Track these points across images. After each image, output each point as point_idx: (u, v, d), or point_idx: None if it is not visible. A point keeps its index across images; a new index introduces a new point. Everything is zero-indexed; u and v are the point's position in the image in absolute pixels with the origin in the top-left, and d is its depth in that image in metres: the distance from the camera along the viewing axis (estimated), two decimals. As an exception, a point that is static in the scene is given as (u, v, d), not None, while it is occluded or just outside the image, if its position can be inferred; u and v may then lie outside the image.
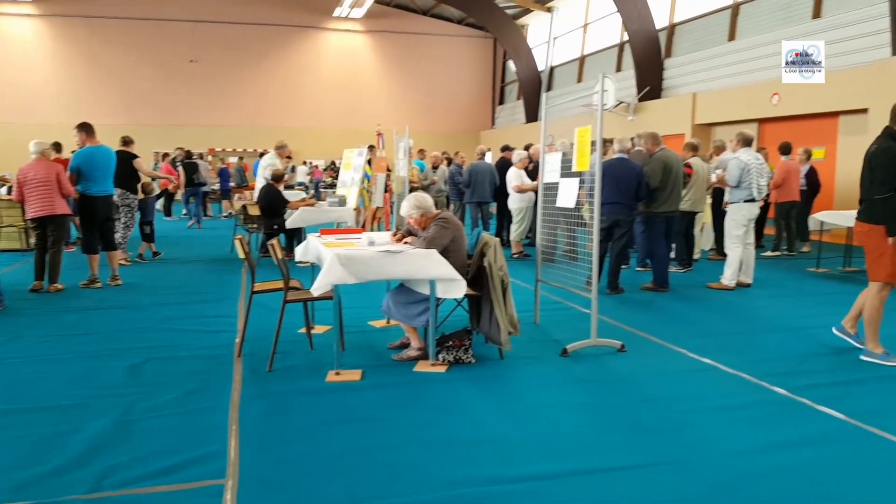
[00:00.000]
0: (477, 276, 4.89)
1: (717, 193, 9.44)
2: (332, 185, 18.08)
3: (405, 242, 4.86)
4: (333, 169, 20.35)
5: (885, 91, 11.23)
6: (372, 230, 10.85)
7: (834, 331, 5.25)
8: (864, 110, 11.78)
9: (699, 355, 5.00)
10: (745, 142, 7.65)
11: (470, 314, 5.19)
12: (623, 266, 8.02)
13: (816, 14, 13.34)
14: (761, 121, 14.60)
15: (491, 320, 4.74)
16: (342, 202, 9.80)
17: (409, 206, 4.82)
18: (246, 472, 3.12)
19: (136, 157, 8.95)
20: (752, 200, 7.42)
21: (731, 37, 15.74)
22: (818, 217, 8.89)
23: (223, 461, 3.22)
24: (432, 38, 28.80)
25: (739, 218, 7.49)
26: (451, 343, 4.69)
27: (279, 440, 3.49)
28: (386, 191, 12.10)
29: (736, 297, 7.22)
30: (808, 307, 6.81)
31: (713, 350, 5.12)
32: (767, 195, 9.00)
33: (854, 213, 5.06)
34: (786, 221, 10.25)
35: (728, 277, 7.56)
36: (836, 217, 8.75)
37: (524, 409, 3.96)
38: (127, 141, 9.17)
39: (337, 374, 4.44)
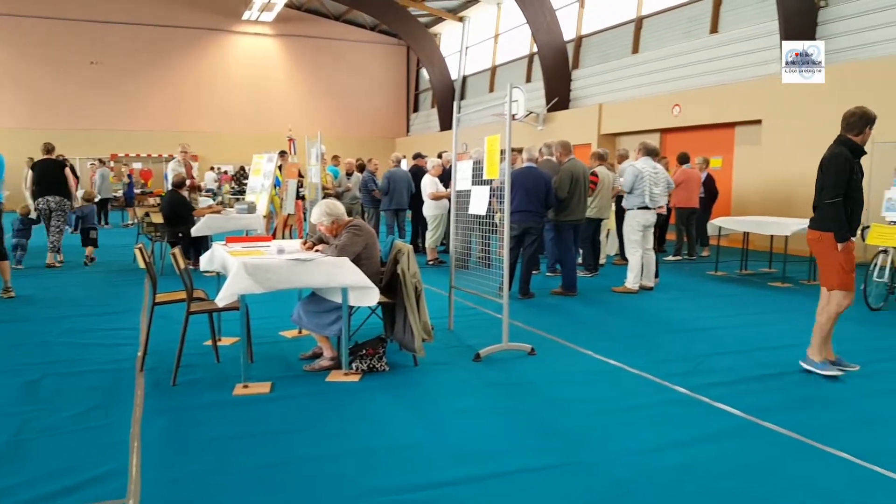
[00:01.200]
0: (391, 284, 4.87)
1: (622, 200, 9.82)
2: (241, 192, 17.55)
3: (316, 250, 4.77)
4: (243, 175, 19.77)
5: (777, 103, 12.07)
6: (284, 238, 10.62)
7: (800, 362, 4.88)
8: (759, 121, 12.57)
9: (606, 357, 5.17)
10: (647, 151, 8.00)
11: (384, 322, 5.16)
12: (534, 272, 8.21)
13: (714, 29, 14.15)
14: (663, 131, 15.32)
15: (405, 328, 4.73)
16: (251, 209, 9.53)
17: (320, 213, 4.74)
18: (148, 490, 2.98)
19: (66, 164, 9.10)
20: (646, 208, 7.77)
21: (635, 49, 16.45)
22: (716, 223, 9.41)
23: (124, 480, 3.06)
24: (345, 43, 28.57)
25: (634, 224, 7.84)
26: (364, 351, 4.64)
27: (184, 456, 3.34)
28: (300, 197, 11.88)
29: (639, 300, 7.52)
30: (708, 309, 7.17)
31: (619, 352, 5.31)
32: (668, 202, 9.46)
33: (749, 218, 5.31)
34: (686, 227, 10.79)
35: (631, 281, 7.88)
36: (732, 223, 9.29)
37: (438, 415, 3.96)
38: (49, 148, 9.24)
39: (245, 386, 4.29)
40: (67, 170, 9.26)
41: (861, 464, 3.29)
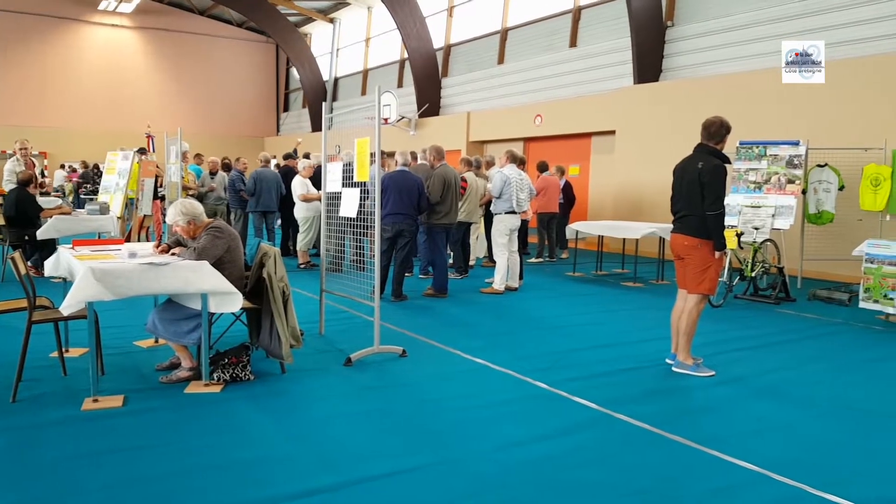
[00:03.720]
0: (256, 289, 4.71)
1: (490, 205, 10.15)
2: (94, 192, 16.29)
3: (172, 253, 4.52)
4: (97, 174, 18.33)
5: (628, 115, 12.96)
6: (140, 241, 9.97)
7: (674, 369, 5.02)
8: (612, 132, 13.44)
9: (473, 356, 5.31)
10: (513, 158, 8.34)
11: (249, 329, 4.98)
12: (407, 274, 8.28)
13: (573, 43, 14.96)
14: (527, 139, 15.99)
15: (271, 334, 4.59)
16: (104, 210, 8.86)
17: (175, 213, 4.51)
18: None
19: None
20: (513, 212, 8.10)
21: (501, 60, 17.05)
22: (574, 227, 9.95)
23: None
24: (210, 39, 27.33)
25: (502, 228, 8.15)
26: (226, 360, 4.45)
27: (25, 478, 3.05)
28: (159, 197, 11.21)
29: (505, 300, 7.80)
30: (568, 307, 7.57)
31: (485, 350, 5.48)
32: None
33: (603, 222, 5.64)
34: (547, 231, 11.34)
35: (498, 282, 8.17)
36: (589, 227, 9.88)
37: (306, 423, 3.88)
38: None
39: (95, 400, 3.99)
40: None
41: (701, 448, 3.59)
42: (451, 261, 9.35)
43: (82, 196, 17.66)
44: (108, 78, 25.37)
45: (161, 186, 11.34)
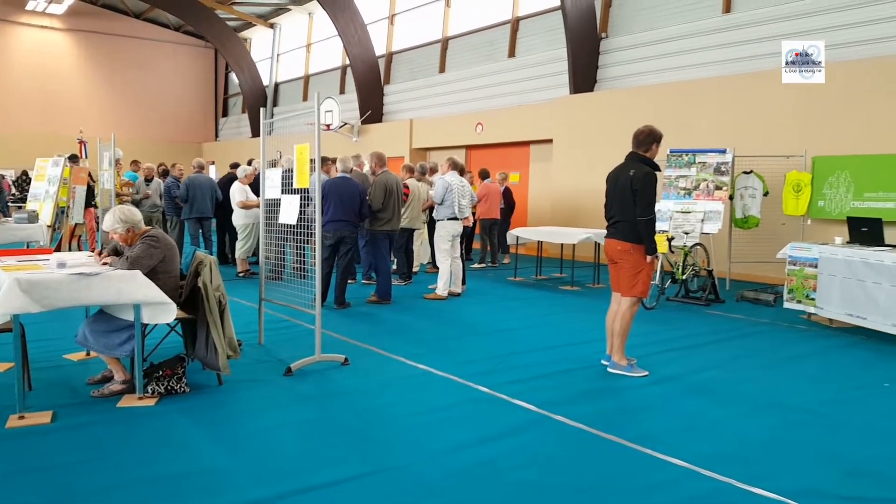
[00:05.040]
0: (191, 298, 4.61)
1: (433, 211, 10.21)
2: (23, 199, 15.58)
3: (104, 263, 4.39)
4: (25, 181, 17.53)
5: (565, 124, 13.26)
6: (71, 250, 9.60)
7: (610, 370, 5.16)
8: (550, 140, 13.72)
9: (415, 362, 5.33)
10: (454, 166, 8.42)
11: (185, 339, 4.87)
12: (350, 281, 8.24)
13: (512, 53, 15.20)
14: (468, 147, 16.15)
15: (208, 344, 4.49)
16: (32, 219, 8.50)
17: (113, 221, 4.38)
18: None
19: None
20: (455, 219, 8.18)
21: (442, 69, 17.18)
22: (514, 233, 10.11)
23: None
24: (146, 42, 26.55)
25: (445, 234, 8.22)
26: (161, 373, 4.34)
27: (-64, 507, 2.90)
28: (91, 205, 10.83)
29: (449, 306, 7.86)
30: (509, 311, 7.68)
31: (427, 355, 5.51)
32: (474, 213, 10.00)
33: (542, 228, 5.74)
34: (489, 237, 11.48)
35: (441, 288, 8.22)
36: (528, 233, 10.05)
37: (243, 435, 3.82)
38: None
39: (21, 417, 3.83)
40: None
41: (635, 447, 3.72)
42: (394, 267, 9.36)
43: (10, 204, 16.85)
44: (37, 81, 24.31)
45: (94, 194, 10.96)
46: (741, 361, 5.64)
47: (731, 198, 9.26)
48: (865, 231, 6.79)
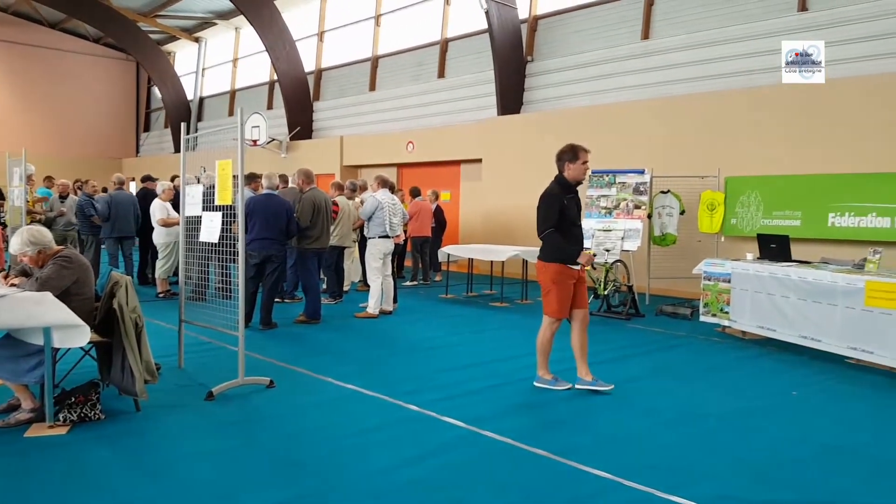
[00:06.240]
0: (107, 320, 4.42)
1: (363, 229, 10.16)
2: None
3: (11, 284, 4.16)
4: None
5: (494, 144, 13.49)
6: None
7: (535, 384, 5.23)
8: (479, 160, 13.92)
9: (344, 382, 5.27)
10: (383, 183, 8.42)
11: (99, 364, 4.65)
12: (277, 300, 8.07)
13: (441, 74, 15.40)
14: (400, 165, 16.20)
15: (124, 369, 4.30)
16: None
17: (21, 243, 4.16)
18: None
19: None
20: (386, 236, 8.17)
21: (372, 87, 17.21)
22: (445, 250, 10.19)
23: None
24: (63, 54, 25.43)
25: (376, 252, 8.19)
26: (73, 399, 4.12)
27: None
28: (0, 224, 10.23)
29: (380, 324, 7.82)
30: (439, 328, 7.70)
31: (357, 376, 5.45)
32: (406, 231, 10.01)
33: (473, 246, 5.77)
34: (420, 254, 11.51)
35: (372, 307, 8.17)
36: (459, 250, 10.16)
37: (163, 463, 3.67)
38: None
39: (-88, 454, 3.56)
40: None
41: (560, 460, 3.79)
42: (324, 286, 9.24)
43: None
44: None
45: (2, 211, 10.36)
46: (660, 373, 5.85)
47: (649, 216, 9.64)
48: (774, 247, 7.19)
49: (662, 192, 9.72)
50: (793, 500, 3.35)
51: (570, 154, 5.03)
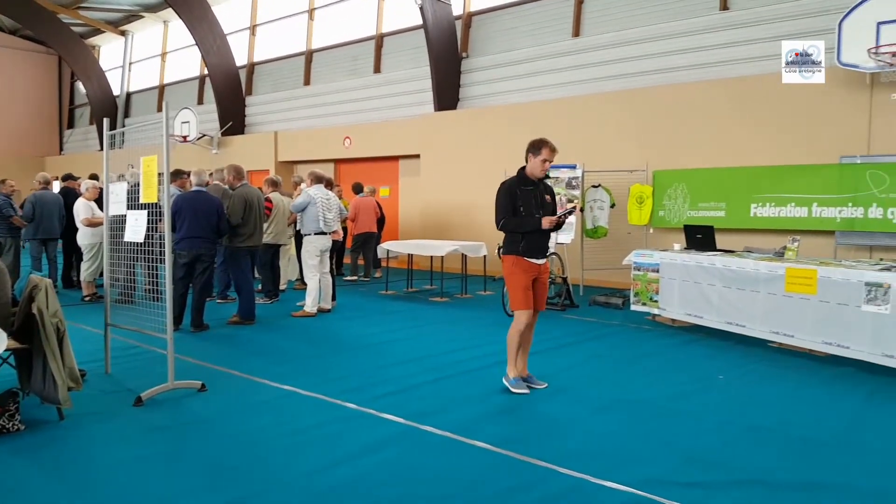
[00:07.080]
0: (25, 326, 4.21)
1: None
2: None
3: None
4: None
5: (431, 139, 13.51)
6: None
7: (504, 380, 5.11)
8: (417, 156, 13.91)
9: (280, 383, 5.19)
10: (317, 179, 8.31)
11: (18, 372, 4.43)
12: (207, 299, 7.86)
13: (377, 69, 15.29)
14: (337, 161, 16.02)
15: (45, 376, 4.11)
16: None
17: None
18: None
19: None
20: (322, 233, 8.07)
21: (307, 82, 16.94)
22: (385, 246, 10.15)
23: None
24: (-25, 46, 24.07)
25: (312, 249, 8.08)
26: (-11, 410, 3.92)
27: None
28: None
29: (318, 323, 7.72)
30: (379, 325, 7.66)
31: (294, 376, 5.37)
32: (345, 228, 9.91)
33: (412, 241, 5.73)
34: (363, 251, 11.43)
35: (309, 305, 8.05)
36: (399, 246, 10.13)
37: (89, 473, 3.53)
38: None
39: None
40: None
41: (498, 451, 3.83)
42: (259, 286, 9.06)
43: None
44: None
45: None
46: (594, 361, 6.00)
47: (581, 210, 9.85)
48: (700, 237, 7.47)
49: (594, 187, 9.95)
50: (721, 481, 3.49)
51: (534, 148, 4.91)
